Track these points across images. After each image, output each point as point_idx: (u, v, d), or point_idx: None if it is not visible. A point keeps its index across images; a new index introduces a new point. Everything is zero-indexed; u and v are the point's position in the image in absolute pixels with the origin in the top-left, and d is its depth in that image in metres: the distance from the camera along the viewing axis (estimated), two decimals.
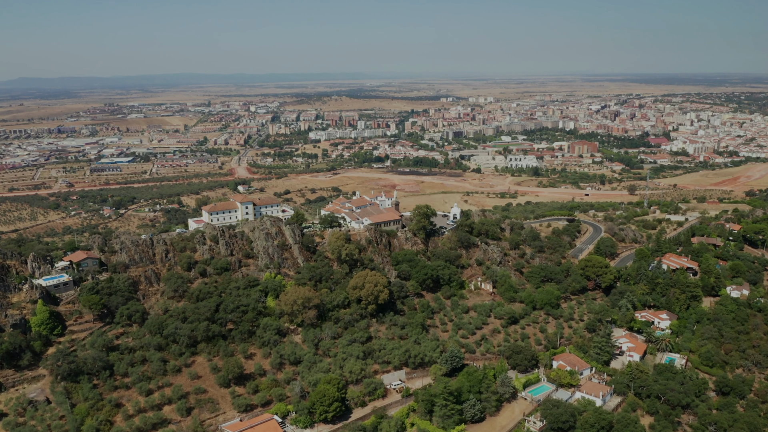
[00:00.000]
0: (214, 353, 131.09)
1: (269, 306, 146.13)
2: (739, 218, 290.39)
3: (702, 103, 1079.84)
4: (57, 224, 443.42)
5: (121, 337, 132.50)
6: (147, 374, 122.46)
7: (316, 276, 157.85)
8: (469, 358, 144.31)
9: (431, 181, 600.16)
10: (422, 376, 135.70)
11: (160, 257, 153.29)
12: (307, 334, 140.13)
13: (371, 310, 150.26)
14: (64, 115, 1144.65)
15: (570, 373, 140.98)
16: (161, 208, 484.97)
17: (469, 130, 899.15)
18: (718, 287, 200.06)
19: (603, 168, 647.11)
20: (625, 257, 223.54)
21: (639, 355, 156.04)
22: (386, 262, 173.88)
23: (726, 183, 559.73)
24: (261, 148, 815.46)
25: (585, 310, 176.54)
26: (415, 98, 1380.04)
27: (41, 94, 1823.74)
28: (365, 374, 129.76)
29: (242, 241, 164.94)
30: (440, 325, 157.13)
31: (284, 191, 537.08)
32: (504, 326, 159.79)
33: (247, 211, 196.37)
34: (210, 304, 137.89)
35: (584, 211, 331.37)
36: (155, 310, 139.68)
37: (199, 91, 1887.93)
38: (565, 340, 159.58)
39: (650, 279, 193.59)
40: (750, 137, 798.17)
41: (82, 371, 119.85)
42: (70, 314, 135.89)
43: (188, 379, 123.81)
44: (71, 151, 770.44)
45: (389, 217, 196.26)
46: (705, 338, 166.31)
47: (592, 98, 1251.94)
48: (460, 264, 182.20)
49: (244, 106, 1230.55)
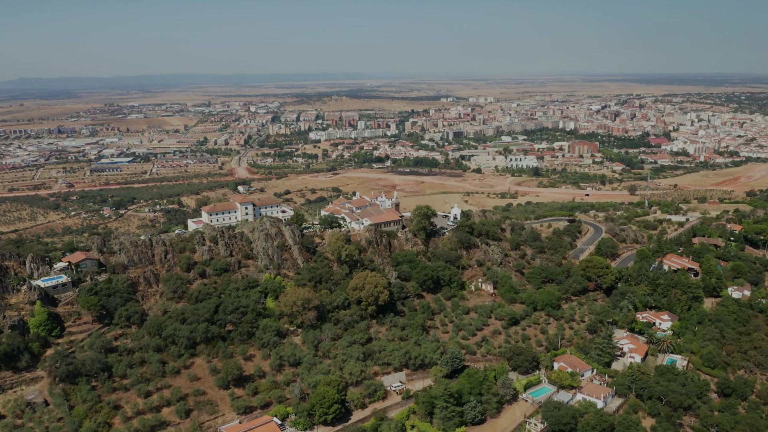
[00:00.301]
0: (214, 355, 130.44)
1: (269, 307, 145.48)
2: (740, 218, 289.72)
3: (702, 103, 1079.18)
4: (57, 225, 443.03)
5: (120, 339, 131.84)
6: (146, 376, 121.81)
7: (316, 277, 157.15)
8: (470, 360, 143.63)
9: (431, 181, 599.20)
10: (423, 378, 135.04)
11: (159, 258, 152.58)
12: (307, 335, 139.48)
13: (371, 311, 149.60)
14: (64, 115, 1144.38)
15: (571, 374, 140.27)
16: (161, 208, 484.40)
17: (470, 130, 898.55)
18: (720, 288, 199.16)
19: (603, 168, 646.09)
20: (626, 258, 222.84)
21: (640, 357, 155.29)
22: (386, 263, 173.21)
23: (727, 183, 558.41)
24: (261, 149, 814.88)
25: (586, 311, 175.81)
26: (416, 98, 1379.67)
27: (41, 94, 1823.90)
28: (365, 376, 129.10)
29: (242, 242, 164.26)
30: (441, 327, 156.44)
31: (284, 191, 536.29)
32: (505, 327, 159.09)
33: (246, 211, 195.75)
34: (209, 305, 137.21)
35: (585, 212, 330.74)
36: (154, 312, 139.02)
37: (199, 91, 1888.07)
38: (566, 342, 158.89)
39: (651, 280, 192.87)
40: (750, 137, 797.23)
41: (81, 373, 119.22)
42: (69, 315, 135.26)
43: (187, 380, 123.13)
44: (71, 152, 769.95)
45: (389, 218, 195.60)
46: (706, 339, 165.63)
47: (592, 98, 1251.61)
48: (460, 265, 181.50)
49: (245, 106, 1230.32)
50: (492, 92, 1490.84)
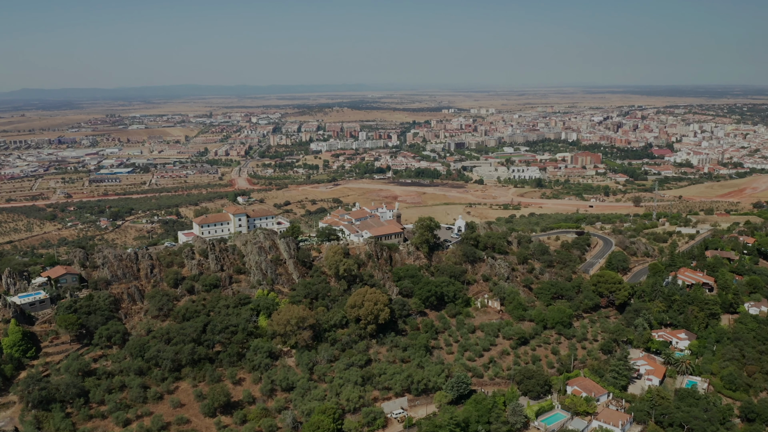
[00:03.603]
0: (200, 378, 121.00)
1: (261, 326, 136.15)
2: (752, 231, 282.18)
3: (704, 115, 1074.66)
4: (52, 236, 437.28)
5: (100, 360, 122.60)
6: (125, 402, 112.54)
7: (312, 293, 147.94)
8: (477, 383, 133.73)
9: (433, 192, 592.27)
10: (426, 404, 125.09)
11: (144, 273, 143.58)
12: (301, 357, 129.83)
13: (371, 330, 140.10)
14: (65, 125, 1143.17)
15: (586, 399, 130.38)
16: (159, 219, 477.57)
17: (471, 141, 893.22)
18: (737, 304, 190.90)
19: (607, 179, 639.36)
20: (638, 272, 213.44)
21: (658, 379, 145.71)
22: (387, 278, 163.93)
23: (732, 195, 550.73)
24: (262, 159, 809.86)
25: (599, 329, 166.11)
26: (417, 109, 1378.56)
27: (44, 105, 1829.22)
28: (364, 402, 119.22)
29: (233, 256, 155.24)
30: (445, 347, 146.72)
31: (284, 202, 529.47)
32: (513, 347, 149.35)
33: (240, 223, 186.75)
34: (196, 324, 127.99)
35: (590, 223, 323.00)
36: (137, 331, 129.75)
37: (201, 102, 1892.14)
38: (579, 363, 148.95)
39: (666, 296, 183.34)
40: (754, 148, 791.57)
41: (55, 398, 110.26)
42: (46, 335, 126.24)
43: (170, 407, 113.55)
44: (71, 162, 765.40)
45: (390, 230, 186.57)
46: (726, 359, 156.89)
47: (594, 110, 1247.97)
48: (465, 280, 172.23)
49: (246, 117, 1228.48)
50: (493, 103, 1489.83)
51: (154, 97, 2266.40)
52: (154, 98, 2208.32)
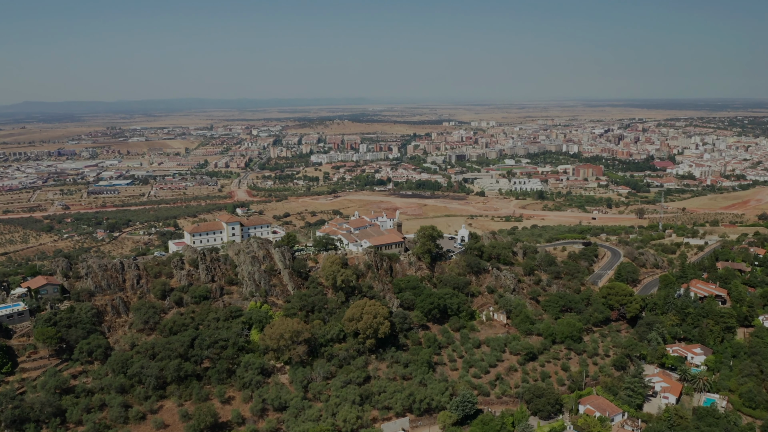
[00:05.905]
0: (186, 397, 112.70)
1: (253, 340, 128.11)
2: (762, 242, 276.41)
3: (705, 127, 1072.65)
4: (48, 247, 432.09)
5: (79, 377, 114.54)
6: (104, 422, 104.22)
7: (308, 305, 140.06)
8: (483, 402, 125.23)
9: (434, 204, 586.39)
10: (429, 425, 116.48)
11: (130, 284, 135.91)
12: (296, 373, 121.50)
13: (370, 345, 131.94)
14: (65, 138, 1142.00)
15: (600, 419, 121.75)
16: (156, 230, 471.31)
17: (472, 153, 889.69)
18: (752, 317, 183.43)
19: (609, 191, 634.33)
20: (648, 284, 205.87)
21: (675, 397, 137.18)
22: (387, 290, 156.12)
23: (736, 206, 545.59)
24: (262, 171, 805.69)
25: (610, 343, 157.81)
26: (418, 122, 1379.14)
27: (45, 117, 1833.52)
28: (362, 423, 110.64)
29: (225, 266, 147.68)
30: (449, 363, 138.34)
31: (284, 214, 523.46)
32: (521, 363, 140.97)
33: (233, 232, 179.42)
34: (184, 339, 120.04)
35: (595, 235, 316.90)
36: (121, 345, 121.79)
37: (202, 115, 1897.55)
38: (591, 380, 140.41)
39: (680, 308, 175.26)
40: (757, 161, 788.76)
41: (29, 418, 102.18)
42: (24, 349, 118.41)
43: (153, 428, 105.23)
44: (70, 174, 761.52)
45: (391, 240, 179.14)
46: (744, 375, 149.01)
47: (594, 122, 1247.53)
48: (469, 291, 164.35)
49: (247, 129, 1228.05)
50: (494, 116, 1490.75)
51: (155, 110, 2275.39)
52: (156, 111, 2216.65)
